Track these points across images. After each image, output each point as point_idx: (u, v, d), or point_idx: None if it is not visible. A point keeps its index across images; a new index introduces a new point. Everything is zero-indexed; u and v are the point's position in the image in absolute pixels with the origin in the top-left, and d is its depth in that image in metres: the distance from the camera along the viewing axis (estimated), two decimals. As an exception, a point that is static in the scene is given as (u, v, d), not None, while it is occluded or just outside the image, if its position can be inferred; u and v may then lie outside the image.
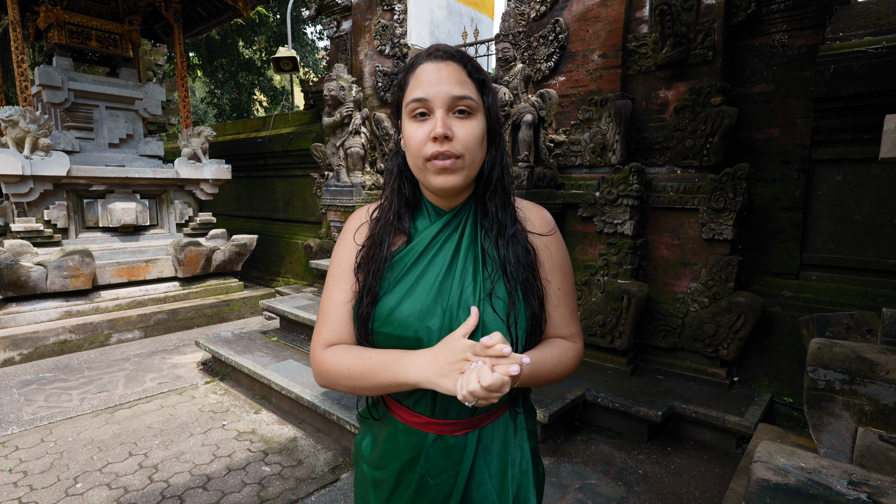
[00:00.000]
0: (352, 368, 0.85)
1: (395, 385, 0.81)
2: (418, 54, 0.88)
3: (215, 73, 14.05)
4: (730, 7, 3.22)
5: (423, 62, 0.85)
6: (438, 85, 0.81)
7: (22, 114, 4.49)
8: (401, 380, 0.80)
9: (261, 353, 3.79)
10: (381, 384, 0.83)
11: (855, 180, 3.07)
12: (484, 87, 0.87)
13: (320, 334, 0.92)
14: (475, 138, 0.83)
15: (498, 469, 0.91)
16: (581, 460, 2.69)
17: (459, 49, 0.88)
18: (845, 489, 1.22)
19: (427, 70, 0.83)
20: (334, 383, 0.88)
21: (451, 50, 0.85)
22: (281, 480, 2.56)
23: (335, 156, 5.01)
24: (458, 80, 0.83)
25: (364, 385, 0.84)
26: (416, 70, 0.85)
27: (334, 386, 0.89)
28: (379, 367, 0.82)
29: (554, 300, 0.94)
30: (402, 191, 0.92)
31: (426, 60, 0.84)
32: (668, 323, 3.33)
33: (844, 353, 1.74)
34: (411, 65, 0.87)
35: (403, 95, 0.86)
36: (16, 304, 4.55)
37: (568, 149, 3.80)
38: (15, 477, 2.58)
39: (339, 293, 0.92)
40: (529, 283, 0.88)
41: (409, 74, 0.86)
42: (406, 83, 0.86)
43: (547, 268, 0.93)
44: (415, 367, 0.78)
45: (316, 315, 1.04)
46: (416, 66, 0.85)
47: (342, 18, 5.77)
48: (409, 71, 0.86)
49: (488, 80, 0.88)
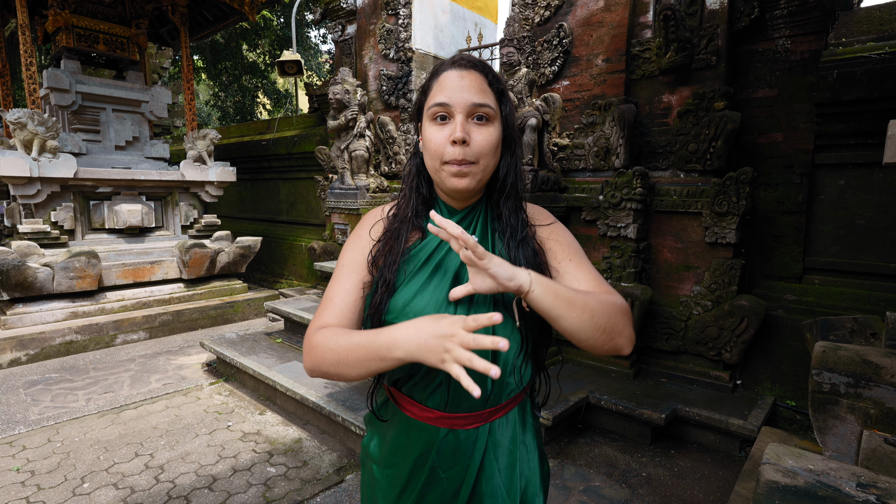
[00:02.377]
0: (339, 343, 0.82)
1: (378, 359, 0.77)
2: (444, 62, 0.92)
3: (219, 76, 14.12)
4: (733, 12, 3.24)
5: (447, 69, 0.89)
6: (461, 92, 0.85)
7: (30, 116, 4.53)
8: (383, 353, 0.77)
9: (265, 355, 3.81)
10: (363, 358, 0.79)
11: (858, 185, 3.08)
12: (502, 97, 0.91)
13: (319, 318, 0.90)
14: (491, 144, 0.87)
15: (507, 464, 0.93)
16: (585, 463, 2.70)
17: (482, 60, 0.93)
18: (854, 491, 1.22)
19: (450, 77, 0.87)
20: (319, 360, 0.84)
21: (475, 60, 0.90)
22: (286, 481, 2.58)
23: (339, 158, 5.04)
24: (479, 88, 0.87)
25: (347, 361, 0.80)
26: (441, 76, 0.89)
27: (319, 364, 0.84)
28: (362, 341, 0.79)
29: (572, 270, 0.93)
30: (419, 189, 0.96)
31: (451, 68, 0.89)
32: (671, 326, 3.34)
33: (849, 356, 1.75)
34: (436, 71, 0.91)
35: (426, 99, 0.91)
36: (22, 305, 4.58)
37: (572, 152, 3.82)
38: (22, 476, 2.60)
39: (347, 282, 0.92)
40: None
41: (433, 80, 0.91)
42: (430, 88, 0.91)
43: (556, 250, 0.96)
44: (398, 339, 0.75)
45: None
46: (440, 73, 0.90)
47: (347, 22, 5.81)
48: (434, 77, 0.91)
49: (507, 91, 0.93)
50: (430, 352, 0.72)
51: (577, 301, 0.81)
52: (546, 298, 0.78)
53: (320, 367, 0.85)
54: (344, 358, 0.81)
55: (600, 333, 0.82)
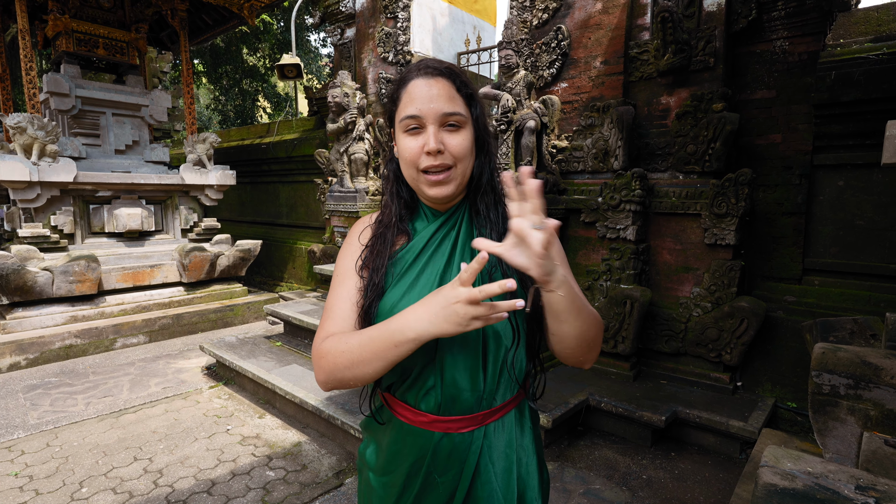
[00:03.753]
0: (350, 343, 0.82)
1: (393, 346, 0.77)
2: (409, 68, 0.91)
3: (220, 79, 14.17)
4: (731, 14, 3.24)
5: (414, 77, 0.88)
6: (430, 102, 0.86)
7: (30, 121, 4.55)
8: (397, 338, 0.77)
9: (265, 358, 3.81)
10: (377, 350, 0.79)
11: (857, 185, 3.08)
12: (471, 101, 0.91)
13: (322, 329, 0.92)
14: (465, 149, 0.89)
15: (503, 468, 0.92)
16: (585, 465, 2.69)
17: (448, 64, 0.92)
18: (853, 494, 1.22)
19: (418, 86, 0.87)
20: (333, 367, 0.84)
21: (441, 66, 0.89)
22: (285, 485, 2.57)
23: (339, 161, 5.05)
24: (448, 96, 0.87)
25: (362, 358, 0.80)
26: (408, 86, 0.88)
27: (333, 371, 0.84)
28: (374, 334, 0.80)
29: None
30: (400, 194, 0.98)
31: (417, 76, 0.88)
32: (670, 328, 3.33)
33: (849, 357, 1.74)
34: (402, 79, 0.90)
35: (396, 109, 0.91)
36: (22, 309, 4.58)
37: (570, 154, 3.82)
38: (21, 481, 2.59)
39: (343, 291, 0.95)
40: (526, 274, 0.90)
41: (400, 89, 0.90)
42: (399, 98, 0.90)
43: None
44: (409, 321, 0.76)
45: (319, 320, 1.05)
46: (407, 82, 0.89)
47: (346, 26, 5.83)
48: (401, 86, 0.90)
49: (476, 94, 0.93)
50: (447, 320, 0.73)
51: (584, 311, 0.81)
52: (564, 301, 0.78)
53: (335, 375, 0.84)
54: (358, 356, 0.81)
55: (585, 346, 0.85)
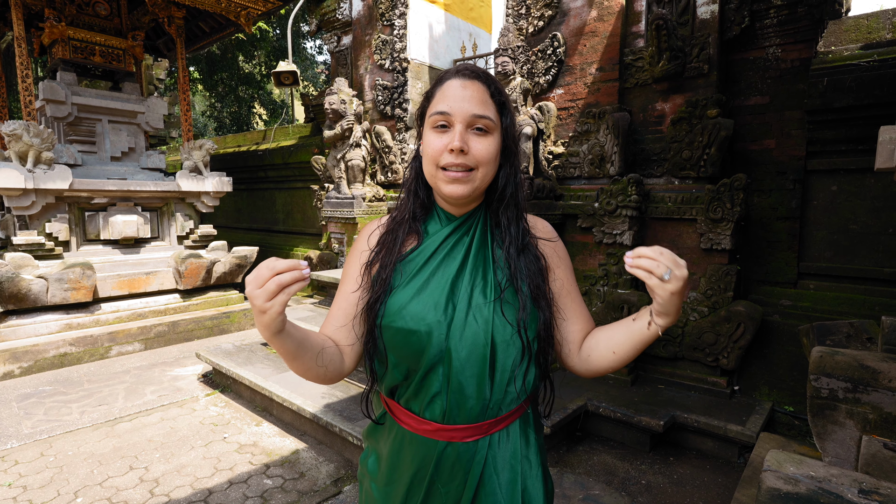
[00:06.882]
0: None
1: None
2: (448, 70, 0.92)
3: (215, 86, 14.17)
4: (724, 22, 3.29)
5: (451, 78, 0.89)
6: (462, 102, 0.86)
7: (25, 128, 4.53)
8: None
9: (262, 365, 3.78)
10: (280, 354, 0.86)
11: (850, 190, 3.11)
12: (503, 109, 0.92)
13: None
14: (489, 154, 0.88)
15: (508, 479, 0.90)
16: (584, 471, 2.69)
17: (486, 70, 0.93)
18: (857, 498, 1.22)
19: (453, 86, 0.88)
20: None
21: (479, 70, 0.91)
22: (283, 493, 2.55)
23: (336, 168, 5.06)
24: (480, 99, 0.87)
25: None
26: (444, 85, 0.89)
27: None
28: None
29: (573, 294, 0.99)
30: (417, 192, 0.97)
31: (454, 77, 0.89)
32: (668, 332, 3.34)
33: (846, 361, 1.75)
34: (440, 78, 0.92)
35: (428, 106, 0.92)
36: (16, 317, 4.54)
37: (567, 160, 3.84)
38: (15, 492, 2.56)
39: (340, 296, 0.96)
40: (541, 289, 0.91)
41: (437, 87, 0.91)
42: (433, 95, 0.91)
43: (556, 271, 0.99)
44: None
45: (318, 327, 1.06)
46: (443, 81, 0.90)
47: (342, 33, 5.86)
48: (438, 84, 0.91)
49: (508, 102, 0.93)
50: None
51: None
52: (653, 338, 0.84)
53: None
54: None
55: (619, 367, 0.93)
